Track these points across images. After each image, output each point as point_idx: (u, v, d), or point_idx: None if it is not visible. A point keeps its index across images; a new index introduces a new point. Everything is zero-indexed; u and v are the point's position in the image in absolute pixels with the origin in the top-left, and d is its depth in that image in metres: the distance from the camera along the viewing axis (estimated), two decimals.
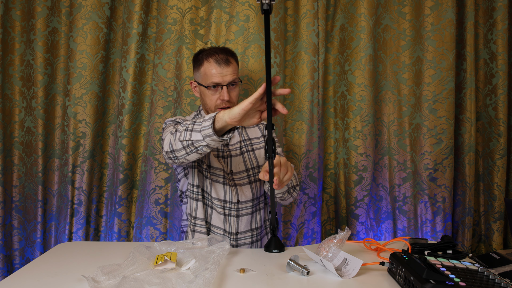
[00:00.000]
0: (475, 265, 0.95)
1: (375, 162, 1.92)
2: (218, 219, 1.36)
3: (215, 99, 1.33)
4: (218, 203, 1.36)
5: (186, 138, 1.07)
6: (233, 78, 1.33)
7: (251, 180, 1.42)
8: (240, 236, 1.38)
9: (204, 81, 1.34)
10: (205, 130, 1.02)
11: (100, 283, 0.88)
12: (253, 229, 1.40)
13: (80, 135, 1.83)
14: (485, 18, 1.92)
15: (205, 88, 1.34)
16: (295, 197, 1.42)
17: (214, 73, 1.31)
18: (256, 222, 1.41)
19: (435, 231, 1.88)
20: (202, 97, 1.38)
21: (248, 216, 1.39)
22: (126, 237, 1.88)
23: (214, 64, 1.31)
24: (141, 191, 1.84)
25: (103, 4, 1.81)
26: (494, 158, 1.90)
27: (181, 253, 1.08)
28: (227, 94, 1.32)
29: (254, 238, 1.41)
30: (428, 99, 1.86)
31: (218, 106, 1.34)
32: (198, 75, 1.37)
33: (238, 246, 1.37)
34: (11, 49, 1.81)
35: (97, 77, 1.83)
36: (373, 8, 1.84)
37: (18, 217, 1.86)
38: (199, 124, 1.04)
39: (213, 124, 1.01)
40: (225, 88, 1.31)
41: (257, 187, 1.42)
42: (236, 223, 1.37)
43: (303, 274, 0.99)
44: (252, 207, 1.40)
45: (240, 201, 1.37)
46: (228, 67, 1.32)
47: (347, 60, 1.89)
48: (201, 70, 1.34)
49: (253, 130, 1.49)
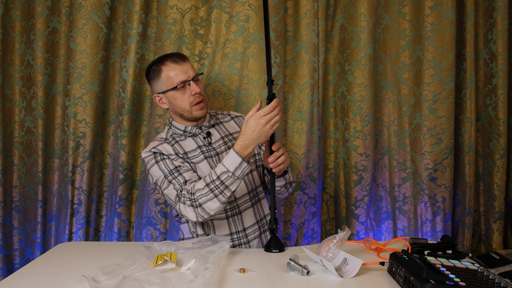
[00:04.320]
0: (475, 265, 0.95)
1: (375, 162, 1.92)
2: (222, 226, 1.35)
3: (187, 97, 1.32)
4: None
5: (228, 195, 1.18)
6: (194, 72, 1.35)
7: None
8: (248, 232, 1.36)
9: (169, 85, 1.32)
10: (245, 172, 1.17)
11: (100, 283, 0.88)
12: (258, 221, 1.40)
13: (80, 135, 1.83)
14: (485, 18, 1.92)
15: (175, 91, 1.32)
16: (290, 192, 1.48)
17: (177, 73, 1.31)
18: (260, 213, 1.41)
19: (435, 231, 1.88)
20: (173, 102, 1.34)
21: (250, 209, 1.38)
22: (126, 237, 1.88)
23: (173, 64, 1.32)
24: (141, 191, 1.84)
25: (103, 4, 1.81)
26: (494, 158, 1.90)
27: (181, 253, 1.08)
28: (197, 87, 1.32)
29: (261, 229, 1.40)
30: (428, 99, 1.86)
31: (193, 102, 1.33)
32: (159, 84, 1.34)
33: (249, 241, 1.36)
34: (11, 49, 1.81)
35: (97, 77, 1.83)
36: (373, 8, 1.84)
37: (18, 217, 1.86)
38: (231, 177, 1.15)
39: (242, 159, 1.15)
40: (193, 82, 1.32)
41: (250, 179, 1.40)
42: (241, 219, 1.36)
43: (303, 274, 0.99)
44: (250, 199, 1.39)
45: (237, 198, 1.36)
46: (186, 63, 1.33)
47: (347, 60, 1.89)
48: (162, 76, 1.33)
49: (230, 125, 1.48)
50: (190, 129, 1.38)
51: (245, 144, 1.15)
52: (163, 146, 1.34)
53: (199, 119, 1.38)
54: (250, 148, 1.15)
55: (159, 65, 1.33)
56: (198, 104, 1.33)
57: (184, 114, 1.35)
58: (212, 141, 1.40)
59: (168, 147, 1.34)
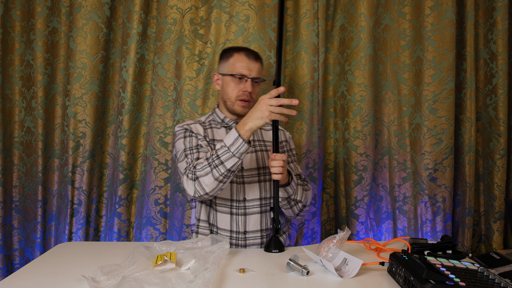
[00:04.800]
0: (475, 265, 0.95)
1: (375, 162, 1.92)
2: (224, 220, 1.35)
3: (237, 89, 1.37)
4: (223, 202, 1.36)
5: (222, 171, 1.17)
6: (258, 75, 1.40)
7: (261, 179, 1.41)
8: (248, 236, 1.36)
9: (230, 71, 1.38)
10: (241, 149, 1.15)
11: (100, 283, 0.88)
12: (263, 230, 1.38)
13: (80, 135, 1.83)
14: (485, 18, 1.92)
15: (230, 78, 1.38)
16: (296, 213, 1.40)
17: (242, 65, 1.37)
18: (266, 223, 1.39)
19: (435, 231, 1.88)
20: (224, 87, 1.40)
21: (256, 215, 1.37)
22: (126, 237, 1.88)
23: (244, 56, 1.38)
24: (141, 191, 1.84)
25: (103, 4, 1.81)
26: (494, 158, 1.90)
27: (181, 253, 1.08)
28: (251, 87, 1.36)
29: (264, 239, 1.38)
30: (428, 99, 1.86)
31: (239, 97, 1.37)
32: (224, 66, 1.41)
33: (247, 246, 1.36)
34: (11, 49, 1.81)
35: (97, 77, 1.83)
36: (373, 8, 1.84)
37: (18, 217, 1.86)
38: (226, 152, 1.16)
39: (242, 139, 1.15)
40: (250, 81, 1.37)
41: (266, 187, 1.41)
42: (244, 221, 1.36)
43: (303, 274, 0.99)
44: (260, 206, 1.38)
45: (246, 199, 1.37)
46: (256, 63, 1.39)
47: (347, 60, 1.89)
48: (230, 61, 1.39)
49: (267, 134, 1.50)
50: (228, 120, 1.44)
51: (244, 120, 1.17)
52: (195, 126, 1.40)
53: (239, 115, 1.41)
54: (247, 125, 1.16)
55: (233, 51, 1.41)
56: (243, 101, 1.37)
57: (227, 102, 1.40)
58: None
59: (199, 128, 1.40)
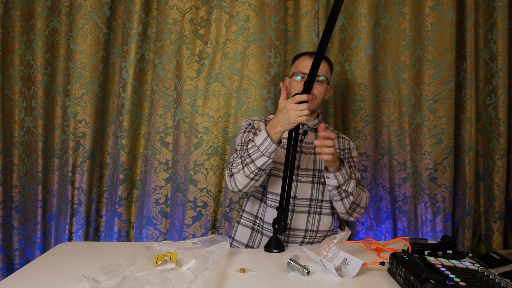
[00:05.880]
0: (475, 265, 0.95)
1: (375, 162, 1.92)
2: (271, 215, 1.35)
3: (297, 90, 1.34)
4: (274, 197, 1.36)
5: (252, 169, 1.21)
6: (322, 73, 1.37)
7: (314, 181, 1.40)
8: (291, 233, 1.36)
9: (293, 70, 1.42)
10: (269, 149, 1.18)
11: (100, 283, 0.88)
12: (307, 230, 1.37)
13: (80, 135, 1.83)
14: (485, 18, 1.92)
15: (294, 77, 1.39)
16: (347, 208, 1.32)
17: (304, 65, 1.38)
18: (312, 225, 1.38)
19: (435, 231, 1.88)
20: (290, 87, 1.42)
21: (303, 215, 1.37)
22: (126, 237, 1.88)
23: (308, 58, 1.40)
24: (141, 191, 1.84)
25: (103, 4, 1.81)
26: (494, 158, 1.90)
27: (181, 253, 1.08)
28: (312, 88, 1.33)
29: (306, 239, 1.38)
30: (428, 99, 1.86)
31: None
32: (292, 68, 1.45)
33: (289, 242, 1.36)
34: (11, 49, 1.81)
35: (97, 77, 1.83)
36: (373, 8, 1.84)
37: (18, 217, 1.86)
38: (256, 151, 1.19)
39: (271, 140, 1.17)
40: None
41: (318, 189, 1.40)
42: (290, 218, 1.36)
43: (303, 274, 0.99)
44: (309, 207, 1.38)
45: (296, 197, 1.36)
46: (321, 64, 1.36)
47: (347, 60, 1.89)
48: (296, 62, 1.43)
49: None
50: None
51: (273, 123, 1.20)
52: (259, 123, 1.44)
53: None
54: (277, 128, 1.18)
55: (301, 55, 1.44)
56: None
57: None
58: (304, 140, 1.43)
59: (262, 125, 1.42)
